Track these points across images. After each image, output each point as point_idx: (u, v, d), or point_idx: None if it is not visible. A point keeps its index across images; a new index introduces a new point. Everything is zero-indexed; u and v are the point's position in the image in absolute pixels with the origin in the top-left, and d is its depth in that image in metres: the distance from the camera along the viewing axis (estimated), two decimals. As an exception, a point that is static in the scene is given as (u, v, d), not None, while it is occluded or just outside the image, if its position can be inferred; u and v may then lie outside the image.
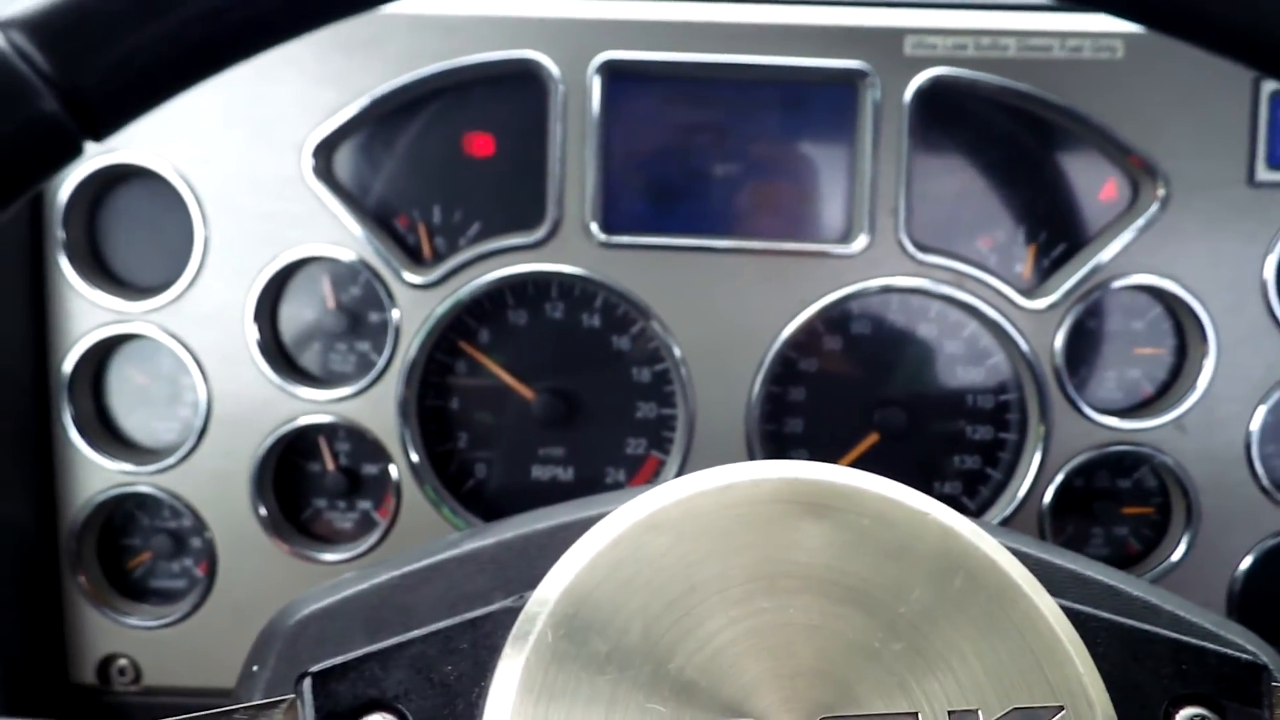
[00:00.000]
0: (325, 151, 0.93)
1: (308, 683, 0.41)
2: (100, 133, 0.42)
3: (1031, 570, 0.54)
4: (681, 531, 0.41)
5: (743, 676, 0.39)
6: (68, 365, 0.94)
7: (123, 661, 0.98)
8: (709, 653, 0.39)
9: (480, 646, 0.42)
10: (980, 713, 0.39)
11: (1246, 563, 0.94)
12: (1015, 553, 0.54)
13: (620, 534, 0.42)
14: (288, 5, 0.45)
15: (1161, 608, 0.53)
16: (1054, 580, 0.54)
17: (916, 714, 0.39)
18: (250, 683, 0.52)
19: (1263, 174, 0.90)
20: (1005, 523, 0.94)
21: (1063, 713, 0.39)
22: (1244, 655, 0.44)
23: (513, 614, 0.41)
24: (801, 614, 0.40)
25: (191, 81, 0.45)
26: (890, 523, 0.42)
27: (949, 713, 0.39)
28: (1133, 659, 0.44)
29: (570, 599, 0.40)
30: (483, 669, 0.41)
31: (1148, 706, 0.43)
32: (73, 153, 0.41)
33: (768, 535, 0.41)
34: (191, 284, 0.93)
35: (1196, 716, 0.42)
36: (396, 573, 0.55)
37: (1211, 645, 0.44)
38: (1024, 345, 0.92)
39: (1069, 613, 0.43)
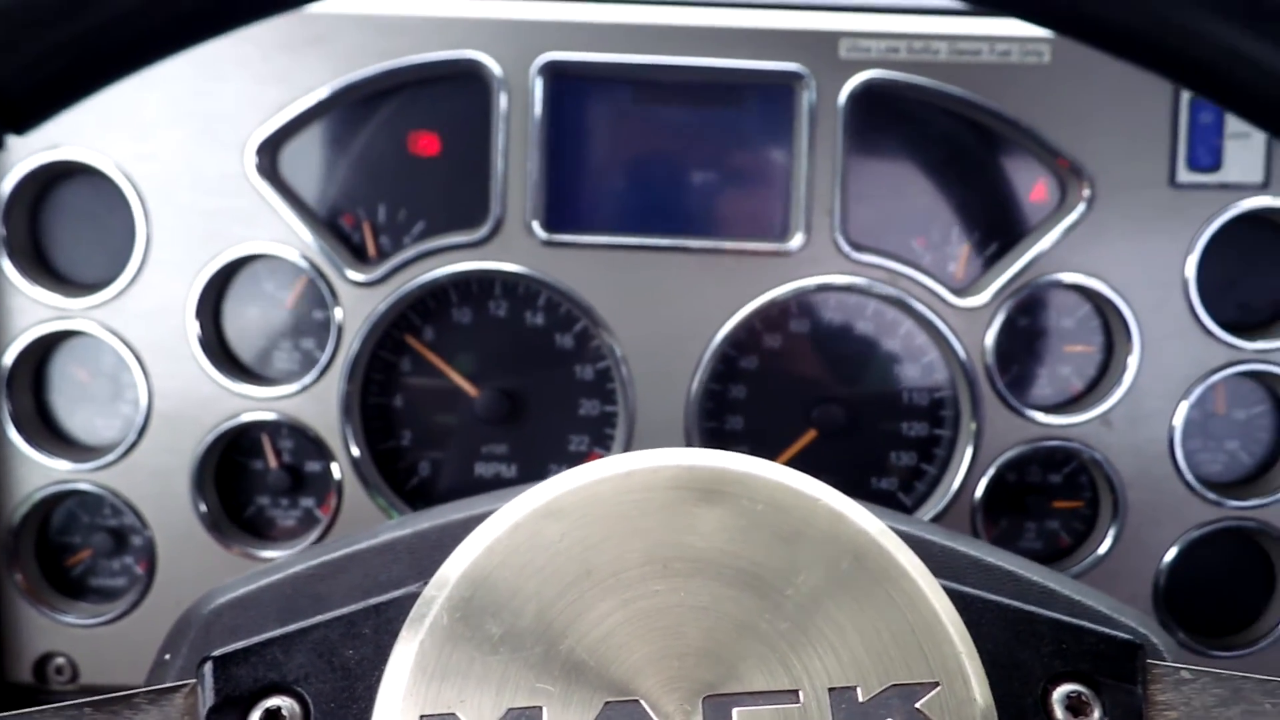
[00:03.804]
0: (269, 149, 0.94)
1: (208, 666, 0.42)
2: (21, 127, 0.42)
3: (935, 557, 0.56)
4: (580, 517, 0.43)
5: (631, 657, 0.40)
6: (6, 361, 0.94)
7: (60, 660, 0.98)
8: (599, 634, 0.41)
9: (383, 631, 0.43)
10: (859, 689, 0.40)
11: (1171, 554, 0.97)
12: (917, 540, 0.56)
13: (519, 520, 0.43)
14: (205, 5, 0.46)
15: (1058, 592, 0.55)
16: (956, 566, 0.55)
17: (797, 691, 0.40)
18: (162, 670, 0.52)
19: (1184, 176, 0.93)
20: (939, 516, 0.96)
21: (938, 689, 0.41)
22: (1121, 635, 0.45)
23: (415, 599, 0.42)
24: (692, 596, 0.42)
25: (113, 78, 0.45)
26: (782, 508, 0.43)
27: (829, 689, 0.40)
28: (1015, 639, 0.45)
29: (467, 583, 0.41)
30: (384, 653, 0.42)
31: (1028, 683, 0.44)
32: None
33: (664, 520, 0.43)
34: (133, 281, 0.94)
35: (1073, 692, 0.44)
36: (313, 562, 0.56)
37: (1091, 625, 0.45)
38: (956, 343, 0.94)
39: (955, 595, 0.44)
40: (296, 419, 0.95)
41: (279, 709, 0.42)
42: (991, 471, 0.96)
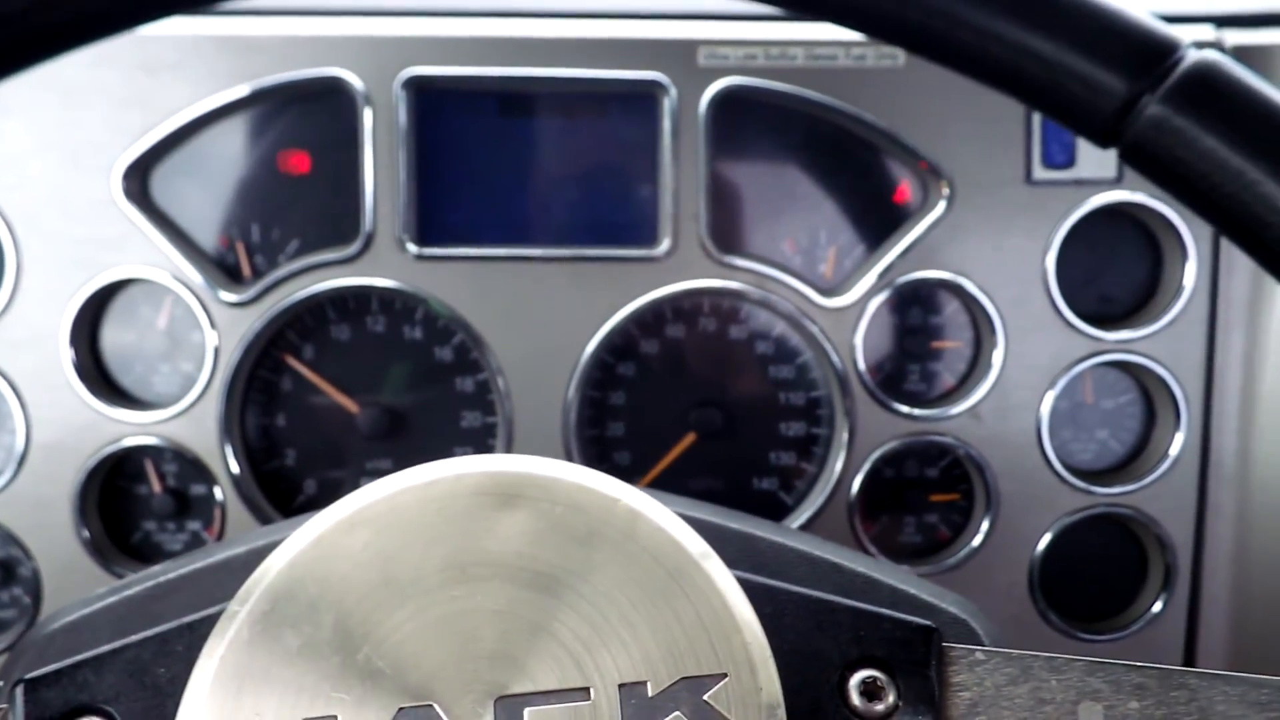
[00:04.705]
0: (138, 174, 0.94)
1: (20, 689, 0.43)
2: None
3: (763, 552, 0.58)
4: (382, 527, 0.44)
5: (426, 663, 0.41)
6: (-121, 395, 0.94)
7: (-50, 692, 0.97)
8: (395, 641, 0.42)
9: (195, 649, 0.44)
10: (649, 684, 0.42)
11: (1045, 543, 0.99)
12: (744, 536, 0.58)
13: (322, 532, 0.44)
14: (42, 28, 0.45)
15: (881, 581, 0.57)
16: (783, 560, 0.57)
17: (588, 689, 0.42)
18: (-6, 696, 0.53)
19: (1039, 173, 0.95)
20: (818, 513, 0.98)
21: (726, 679, 0.42)
22: (916, 620, 0.47)
23: None
24: (489, 600, 0.43)
25: None
26: (581, 509, 0.44)
27: (619, 685, 0.42)
28: (816, 628, 0.46)
29: (268, 596, 0.42)
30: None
31: (824, 670, 0.46)
32: None
33: (464, 526, 0.44)
34: (4, 310, 0.93)
35: (869, 678, 0.46)
36: (149, 584, 0.56)
37: (887, 612, 0.47)
38: (826, 343, 0.96)
39: (757, 588, 0.46)
40: (178, 442, 0.95)
41: None
42: (866, 468, 0.98)
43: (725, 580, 0.44)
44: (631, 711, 0.41)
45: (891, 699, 0.45)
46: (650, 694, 0.42)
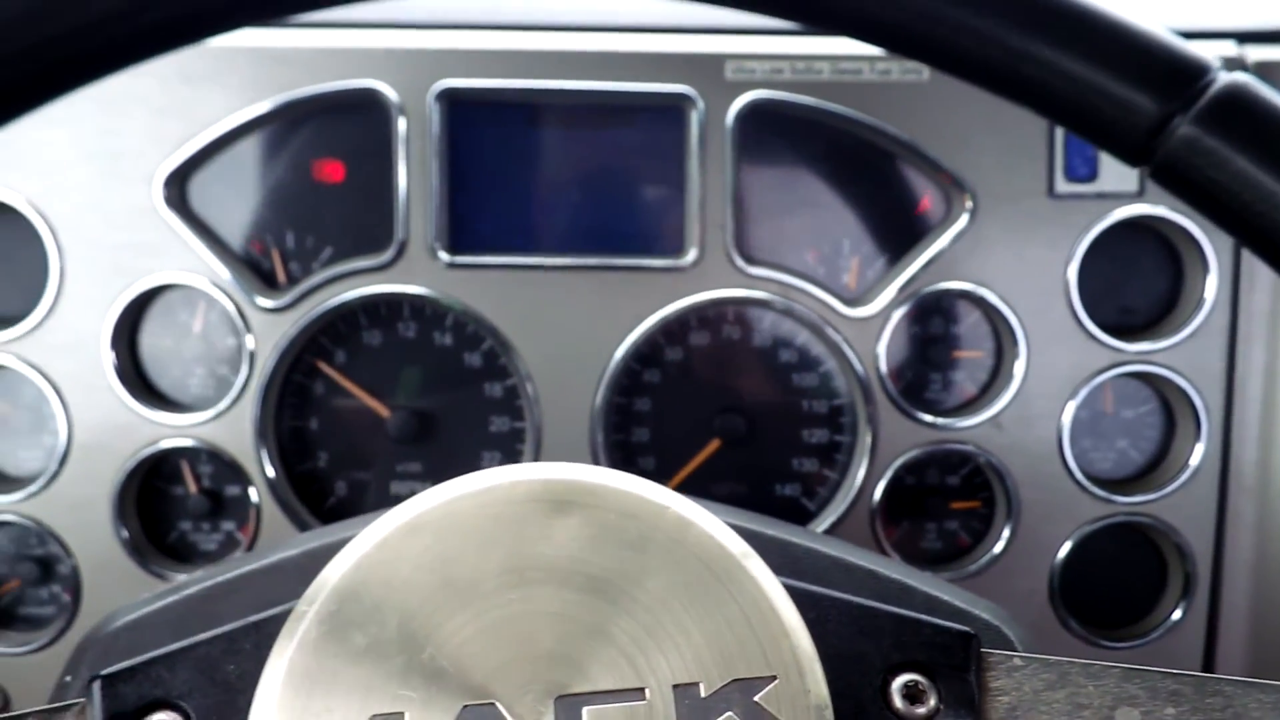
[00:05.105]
0: (177, 182, 0.96)
1: (97, 685, 0.44)
2: None
3: (799, 558, 0.60)
4: (441, 532, 0.45)
5: (487, 663, 0.43)
6: (-76, 397, 0.96)
7: (-10, 688, 1.00)
8: (458, 642, 0.43)
9: (262, 646, 0.45)
10: (702, 685, 0.43)
11: (1065, 550, 1.00)
12: (781, 542, 0.60)
13: (385, 536, 0.45)
14: (68, 58, 0.47)
15: (915, 588, 0.58)
16: (819, 566, 0.59)
17: (644, 689, 0.43)
18: (62, 691, 0.55)
19: (1062, 186, 0.97)
20: (841, 520, 1.00)
21: (776, 682, 0.44)
22: (956, 626, 0.48)
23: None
24: (545, 603, 0.44)
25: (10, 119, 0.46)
26: (632, 516, 0.46)
27: (673, 686, 0.43)
28: (858, 633, 0.48)
29: (334, 597, 0.44)
30: (263, 667, 0.44)
31: (867, 674, 0.47)
32: None
33: (519, 532, 0.45)
34: (49, 314, 0.95)
35: (910, 681, 0.47)
36: (207, 584, 0.58)
37: (928, 618, 0.49)
38: (849, 351, 0.98)
39: (801, 593, 0.47)
40: (213, 444, 0.97)
41: None
42: (889, 475, 0.99)
43: (772, 585, 0.46)
44: (686, 711, 0.43)
45: (933, 702, 0.47)
46: (703, 694, 0.43)
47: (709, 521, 0.47)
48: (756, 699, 0.43)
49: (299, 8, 0.46)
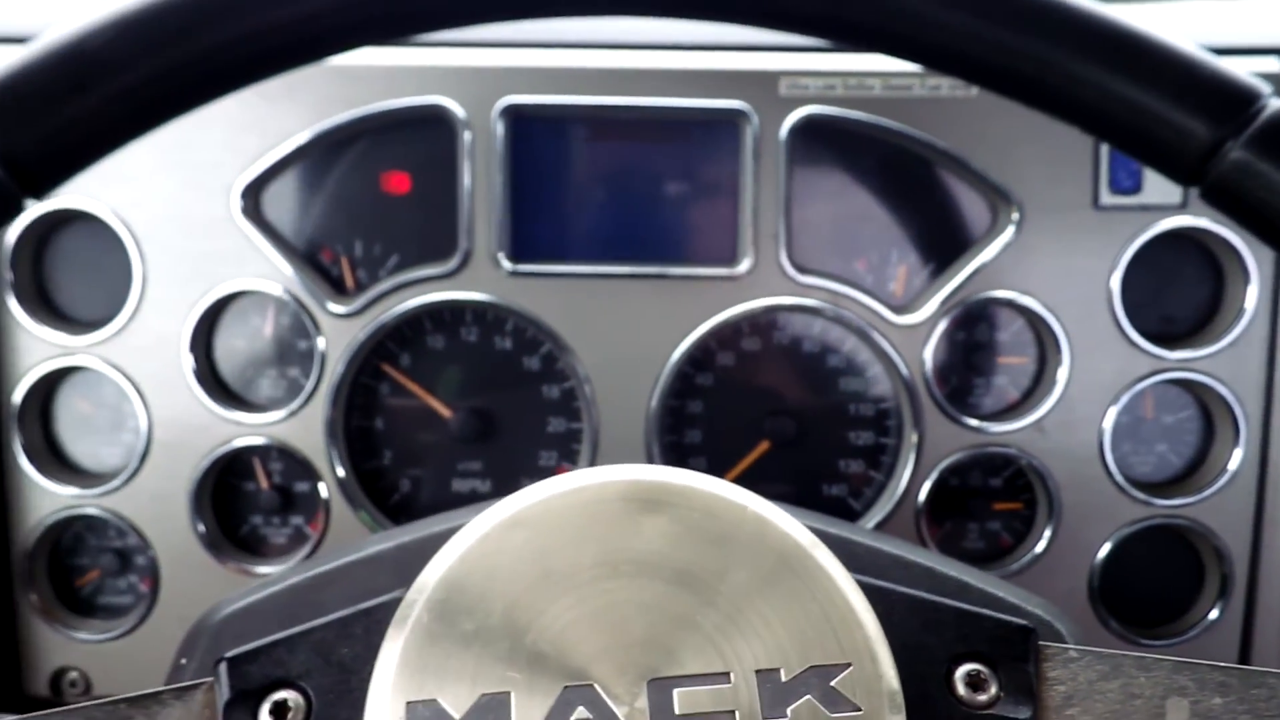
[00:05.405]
0: (253, 193, 1.00)
1: (224, 666, 0.48)
2: (40, 192, 0.47)
3: (860, 556, 0.63)
4: (538, 527, 0.49)
5: (586, 647, 0.47)
6: (17, 396, 1.01)
7: (73, 674, 1.04)
8: (558, 628, 0.47)
9: (372, 631, 0.49)
10: (782, 671, 0.47)
11: (1105, 551, 1.04)
12: (844, 541, 0.63)
13: (487, 531, 0.49)
14: (200, 76, 0.51)
15: (971, 584, 0.62)
16: (879, 564, 0.62)
17: (728, 673, 0.47)
18: (179, 673, 0.59)
19: (1106, 198, 1.00)
20: (886, 519, 1.03)
21: (851, 668, 0.47)
22: (1016, 620, 0.52)
23: (400, 603, 0.48)
24: (637, 594, 0.48)
25: (119, 144, 0.49)
26: (715, 515, 0.50)
27: (756, 671, 0.47)
28: (922, 625, 0.51)
29: (443, 587, 0.48)
30: (374, 650, 0.47)
31: (932, 663, 0.51)
32: (15, 210, 0.46)
33: (611, 528, 0.49)
34: (131, 318, 1.00)
35: (973, 671, 0.51)
36: (309, 574, 0.62)
37: (989, 612, 0.52)
38: (897, 357, 1.01)
39: (869, 588, 0.51)
40: (285, 443, 1.02)
41: (285, 701, 0.48)
42: (934, 477, 1.03)
43: (845, 579, 0.49)
44: (768, 695, 0.46)
45: (993, 690, 0.50)
46: (783, 679, 0.46)
47: (785, 520, 0.50)
48: (833, 684, 0.47)
49: (418, 28, 0.50)
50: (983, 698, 0.50)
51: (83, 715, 0.47)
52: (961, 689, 0.50)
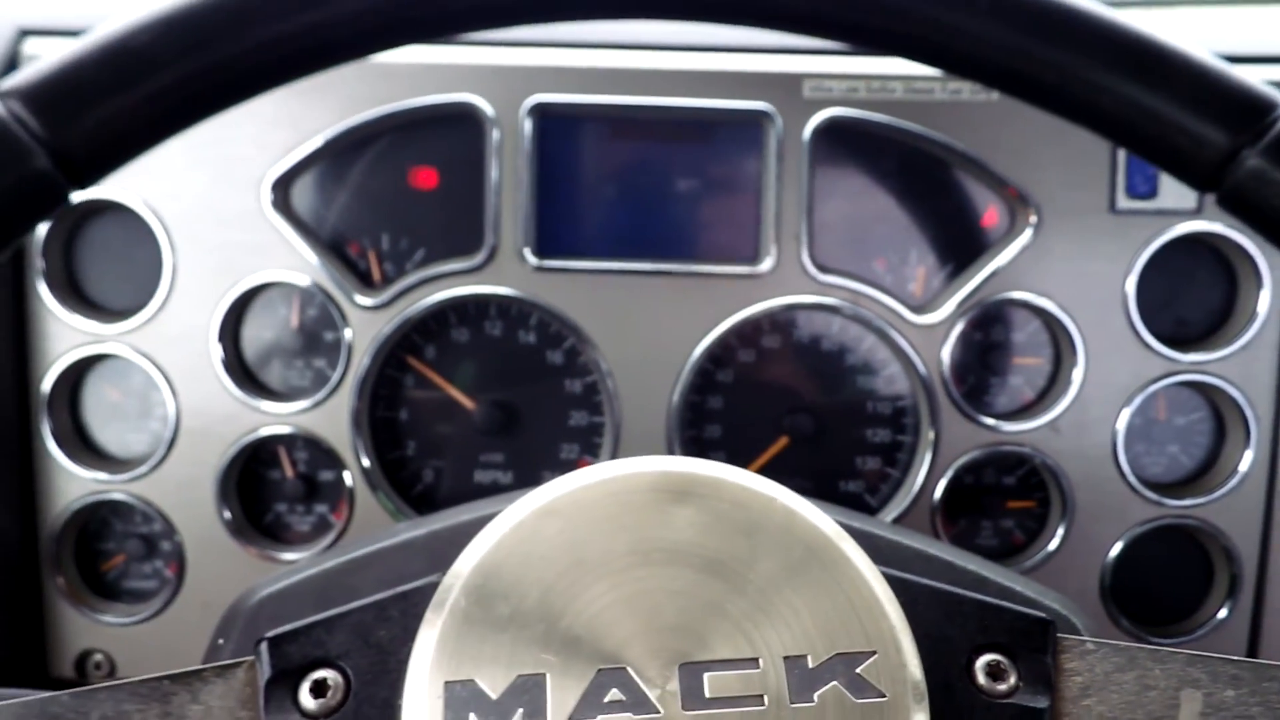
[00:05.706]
0: (283, 186, 1.02)
1: (264, 645, 0.50)
2: (85, 183, 0.49)
3: (883, 549, 0.65)
4: (571, 516, 0.50)
5: (619, 632, 0.48)
6: (47, 383, 1.02)
7: (98, 656, 1.06)
8: (592, 613, 0.48)
9: (409, 614, 0.51)
10: (809, 657, 0.48)
11: (1116, 550, 1.05)
12: (867, 534, 0.65)
13: (522, 519, 0.51)
14: (243, 73, 0.52)
15: (989, 578, 0.63)
16: (902, 557, 0.64)
17: (757, 659, 0.48)
18: (217, 653, 0.61)
19: (1123, 203, 1.01)
20: (902, 516, 1.04)
21: (876, 656, 0.48)
22: (1035, 613, 0.53)
23: (435, 587, 0.50)
24: (668, 581, 0.49)
25: (163, 138, 0.51)
26: (744, 506, 0.51)
27: (784, 657, 0.48)
28: (944, 616, 0.53)
29: (480, 572, 0.49)
30: (411, 632, 0.49)
31: (954, 654, 0.52)
32: (61, 201, 0.48)
33: (643, 518, 0.50)
34: (161, 308, 1.02)
35: (993, 661, 0.52)
36: (343, 558, 0.64)
37: (1008, 604, 0.53)
38: (915, 356, 1.03)
39: (893, 579, 0.52)
40: (311, 432, 1.04)
41: (325, 680, 0.49)
42: (949, 474, 1.04)
43: (870, 570, 0.51)
44: (795, 680, 0.48)
45: (1013, 680, 0.52)
46: (810, 665, 0.48)
47: (812, 511, 0.52)
48: (858, 671, 0.48)
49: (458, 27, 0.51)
50: (1002, 687, 0.51)
51: (128, 690, 0.48)
52: (982, 678, 0.52)
